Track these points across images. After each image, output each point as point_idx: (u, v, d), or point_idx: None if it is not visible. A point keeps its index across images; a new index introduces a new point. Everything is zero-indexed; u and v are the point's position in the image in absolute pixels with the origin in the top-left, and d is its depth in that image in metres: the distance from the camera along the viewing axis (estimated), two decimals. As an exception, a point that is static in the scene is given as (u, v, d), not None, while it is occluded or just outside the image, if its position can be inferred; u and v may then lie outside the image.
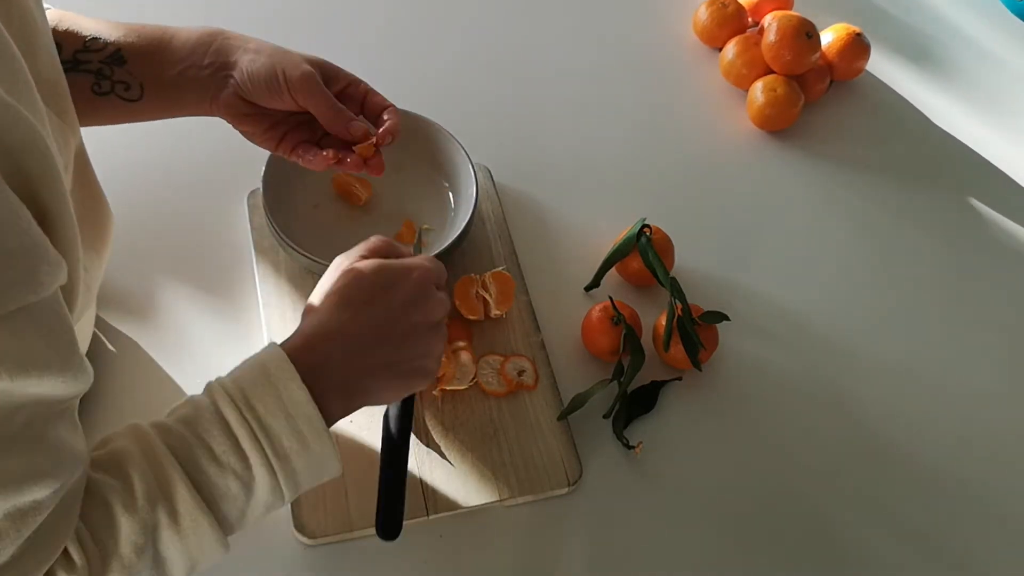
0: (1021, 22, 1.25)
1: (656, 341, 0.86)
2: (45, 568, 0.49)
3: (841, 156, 1.06)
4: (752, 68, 1.06)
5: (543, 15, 1.16)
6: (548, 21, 1.15)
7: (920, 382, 0.90)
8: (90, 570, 0.51)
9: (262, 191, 0.85)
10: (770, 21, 1.07)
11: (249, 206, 0.91)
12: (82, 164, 0.65)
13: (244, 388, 0.58)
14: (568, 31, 1.15)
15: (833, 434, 0.86)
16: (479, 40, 1.12)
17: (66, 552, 0.51)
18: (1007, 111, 1.14)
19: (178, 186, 0.93)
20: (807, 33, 1.03)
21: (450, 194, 0.92)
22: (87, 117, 0.68)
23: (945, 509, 0.83)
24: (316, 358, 0.60)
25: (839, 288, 0.96)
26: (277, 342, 0.62)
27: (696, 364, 0.84)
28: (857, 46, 1.09)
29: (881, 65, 1.15)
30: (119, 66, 0.70)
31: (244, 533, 0.60)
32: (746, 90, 1.07)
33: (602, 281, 0.91)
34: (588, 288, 0.91)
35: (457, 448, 0.79)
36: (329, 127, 0.75)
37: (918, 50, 1.19)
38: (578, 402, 0.82)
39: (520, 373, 0.83)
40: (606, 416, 0.83)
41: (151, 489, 0.54)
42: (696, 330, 0.83)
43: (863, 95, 1.12)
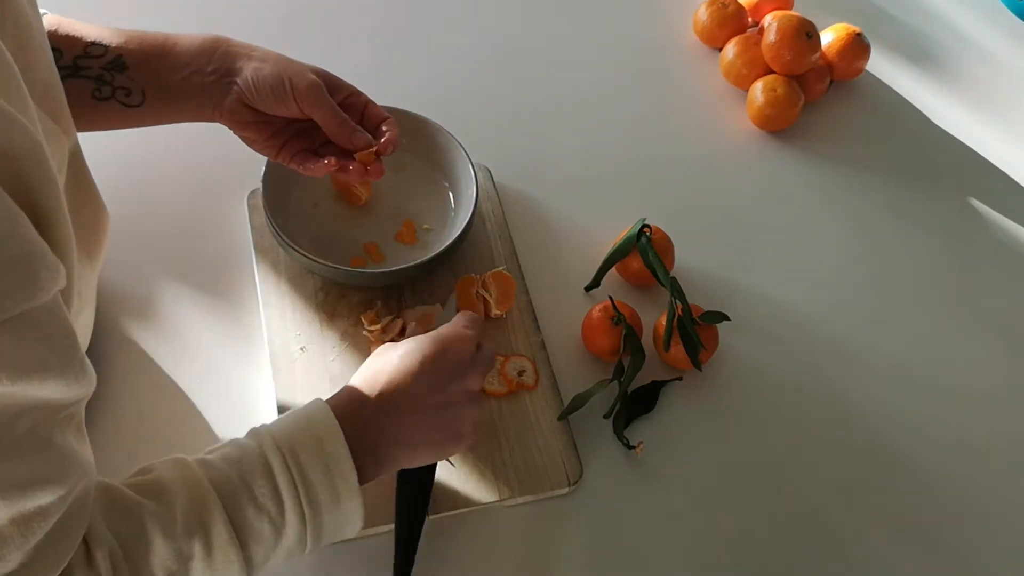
0: (1021, 22, 1.25)
1: (656, 341, 0.86)
2: (57, 569, 0.50)
3: (841, 156, 1.06)
4: (752, 68, 1.06)
5: (543, 15, 1.16)
6: (548, 21, 1.15)
7: (920, 381, 0.90)
8: None
9: (262, 191, 0.85)
10: (770, 21, 1.07)
11: (249, 206, 0.91)
12: (78, 165, 0.65)
13: (290, 436, 0.60)
14: (568, 31, 1.15)
15: (833, 434, 0.86)
16: (479, 40, 1.12)
17: (91, 560, 0.51)
18: (1007, 111, 1.14)
19: (178, 186, 0.93)
20: (807, 33, 1.03)
21: (450, 194, 0.92)
22: (87, 122, 0.68)
23: (945, 508, 0.83)
24: (363, 420, 0.63)
25: (839, 288, 0.96)
26: (323, 398, 0.64)
27: (696, 364, 0.84)
28: (857, 46, 1.09)
29: (881, 65, 1.15)
30: (120, 72, 0.70)
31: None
32: (746, 90, 1.07)
33: (602, 281, 0.91)
34: (588, 288, 0.91)
35: (457, 448, 0.79)
36: (333, 136, 0.76)
37: (918, 50, 1.19)
38: (578, 402, 0.82)
39: (520, 373, 0.83)
40: (606, 416, 0.83)
41: (190, 519, 0.55)
42: (696, 330, 0.83)
43: (863, 95, 1.13)
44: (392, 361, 0.66)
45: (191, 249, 0.89)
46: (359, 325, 0.84)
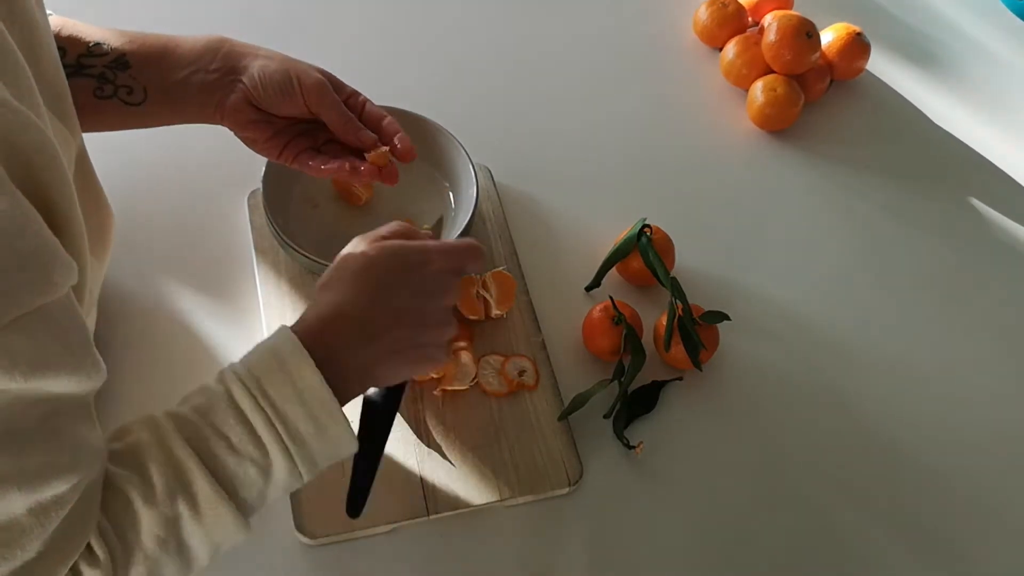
0: (1021, 22, 1.25)
1: (657, 341, 0.86)
2: (70, 563, 0.50)
3: (841, 156, 1.06)
4: (752, 68, 1.06)
5: (543, 15, 1.16)
6: (548, 21, 1.15)
7: (920, 381, 0.90)
8: (113, 564, 0.52)
9: (262, 191, 0.85)
10: (770, 21, 1.07)
11: (249, 206, 0.91)
12: (84, 166, 0.65)
13: (258, 376, 0.58)
14: (568, 31, 1.15)
15: (833, 433, 0.86)
16: (479, 41, 1.12)
17: (89, 547, 0.51)
18: (1007, 111, 1.14)
19: (178, 186, 0.93)
20: (807, 33, 1.03)
21: (450, 194, 0.92)
22: (89, 121, 0.68)
23: (946, 508, 0.83)
24: (329, 341, 0.60)
25: (839, 288, 0.96)
26: (288, 324, 0.62)
27: (697, 364, 0.84)
28: (857, 46, 1.09)
29: (881, 65, 1.15)
30: (122, 70, 0.71)
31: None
32: (746, 90, 1.07)
33: (603, 281, 0.91)
34: (589, 288, 0.91)
35: (458, 448, 0.79)
36: (339, 134, 0.76)
37: (918, 50, 1.19)
38: (579, 402, 0.82)
39: (521, 373, 0.83)
40: (607, 416, 0.83)
41: (169, 481, 0.54)
42: (697, 330, 0.83)
43: (863, 95, 1.13)
44: (359, 276, 0.63)
45: (191, 249, 0.89)
46: (359, 325, 0.83)
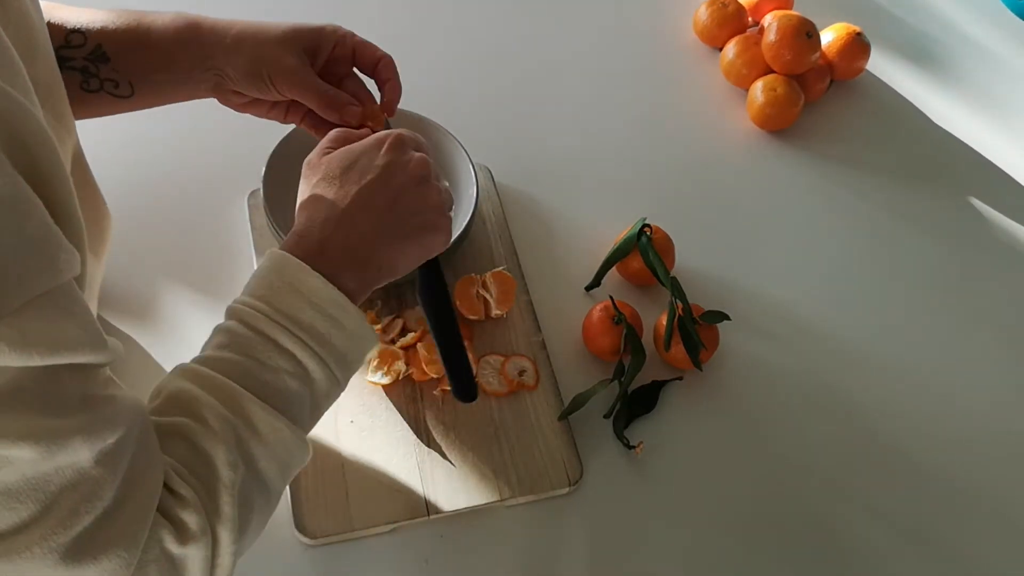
0: (1021, 22, 1.25)
1: (657, 341, 0.86)
2: (152, 506, 0.50)
3: (841, 156, 1.06)
4: (752, 68, 1.06)
5: (543, 15, 1.16)
6: (548, 21, 1.15)
7: (920, 381, 0.90)
8: (201, 500, 0.53)
9: (262, 191, 0.85)
10: (770, 21, 1.07)
11: (249, 206, 0.91)
12: (79, 165, 0.64)
13: (264, 296, 0.59)
14: (568, 31, 1.15)
15: (833, 433, 0.86)
16: (480, 41, 1.12)
17: (173, 492, 0.52)
18: (1007, 111, 1.14)
19: (178, 186, 0.93)
20: (807, 33, 1.03)
21: (446, 198, 0.92)
22: (81, 111, 0.68)
23: (946, 508, 0.83)
24: (314, 245, 0.62)
25: (839, 288, 0.96)
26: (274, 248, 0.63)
27: (697, 364, 0.84)
28: (857, 46, 1.09)
29: (881, 65, 1.15)
30: (103, 63, 0.70)
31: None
32: (746, 90, 1.07)
33: (603, 281, 0.91)
34: (589, 288, 0.91)
35: (458, 448, 0.79)
36: (324, 115, 0.74)
37: (918, 50, 1.19)
38: (579, 402, 0.82)
39: (521, 373, 0.83)
40: (607, 416, 0.83)
41: (223, 414, 0.55)
42: (697, 330, 0.83)
43: (863, 95, 1.12)
44: (323, 186, 0.64)
45: (191, 249, 0.89)
46: (359, 325, 0.83)
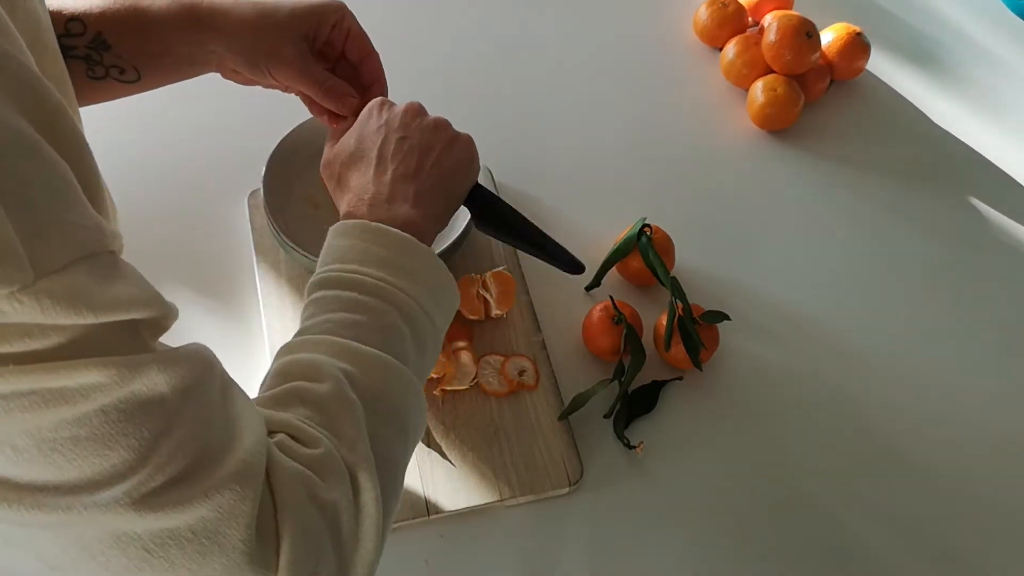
0: (1022, 21, 1.25)
1: (657, 341, 0.86)
2: (263, 438, 0.48)
3: (841, 156, 1.06)
4: (752, 68, 1.06)
5: (543, 15, 1.16)
6: (548, 21, 1.15)
7: (920, 381, 0.90)
8: (333, 443, 0.51)
9: (262, 191, 0.85)
10: (770, 21, 1.07)
11: (249, 206, 0.91)
12: None
13: (336, 259, 0.61)
14: (568, 31, 1.15)
15: (833, 433, 0.86)
16: (479, 40, 1.12)
17: (305, 442, 0.51)
18: (1007, 111, 1.14)
19: (178, 186, 0.93)
20: (807, 33, 1.03)
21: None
22: (90, 97, 0.67)
23: (946, 509, 0.83)
24: (367, 210, 0.64)
25: (839, 287, 0.96)
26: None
27: (697, 364, 0.84)
28: (857, 46, 1.09)
29: (881, 65, 1.15)
30: (105, 51, 0.69)
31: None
32: (746, 90, 1.07)
33: (603, 281, 0.91)
34: (589, 288, 0.91)
35: (458, 448, 0.79)
36: (322, 104, 0.74)
37: (918, 50, 1.19)
38: (579, 402, 0.82)
39: (521, 373, 0.83)
40: (607, 416, 0.83)
41: (330, 362, 0.54)
42: (697, 330, 0.83)
43: (863, 95, 1.12)
44: (363, 168, 0.67)
45: (191, 249, 0.89)
46: (359, 325, 0.83)
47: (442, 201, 0.68)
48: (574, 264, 0.72)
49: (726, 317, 0.85)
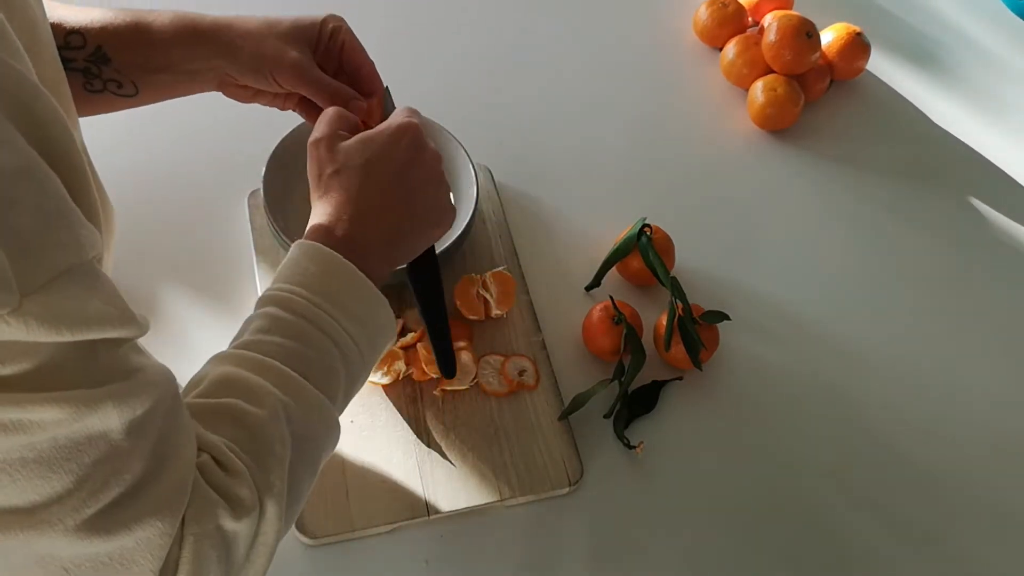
0: (1022, 21, 1.25)
1: (657, 341, 0.86)
2: (190, 473, 0.50)
3: (841, 156, 1.06)
4: (752, 68, 1.06)
5: (543, 15, 1.16)
6: (548, 21, 1.15)
7: (920, 381, 0.90)
8: (253, 474, 0.53)
9: (262, 191, 0.85)
10: (770, 21, 1.07)
11: (249, 206, 0.91)
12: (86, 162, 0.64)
13: (300, 282, 0.61)
14: (568, 31, 1.14)
15: (833, 433, 0.86)
16: (479, 40, 1.12)
17: (228, 468, 0.52)
18: (1007, 111, 1.14)
19: (178, 186, 0.93)
20: (807, 33, 1.03)
21: (450, 194, 0.92)
22: (86, 109, 0.67)
23: (946, 509, 0.83)
24: (342, 238, 0.63)
25: (839, 287, 0.96)
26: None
27: (697, 364, 0.84)
28: (857, 46, 1.09)
29: (881, 65, 1.15)
30: (105, 64, 0.70)
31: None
32: (746, 90, 1.07)
33: (603, 281, 0.91)
34: (589, 288, 0.91)
35: (458, 448, 0.79)
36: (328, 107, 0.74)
37: (918, 50, 1.18)
38: (579, 402, 0.82)
39: (521, 373, 0.83)
40: (607, 416, 0.83)
41: (274, 393, 0.56)
42: (697, 330, 0.83)
43: (863, 95, 1.12)
44: (345, 177, 0.66)
45: (191, 249, 0.89)
46: (359, 325, 0.83)
47: (409, 253, 0.69)
48: (447, 365, 0.77)
49: (726, 317, 0.85)
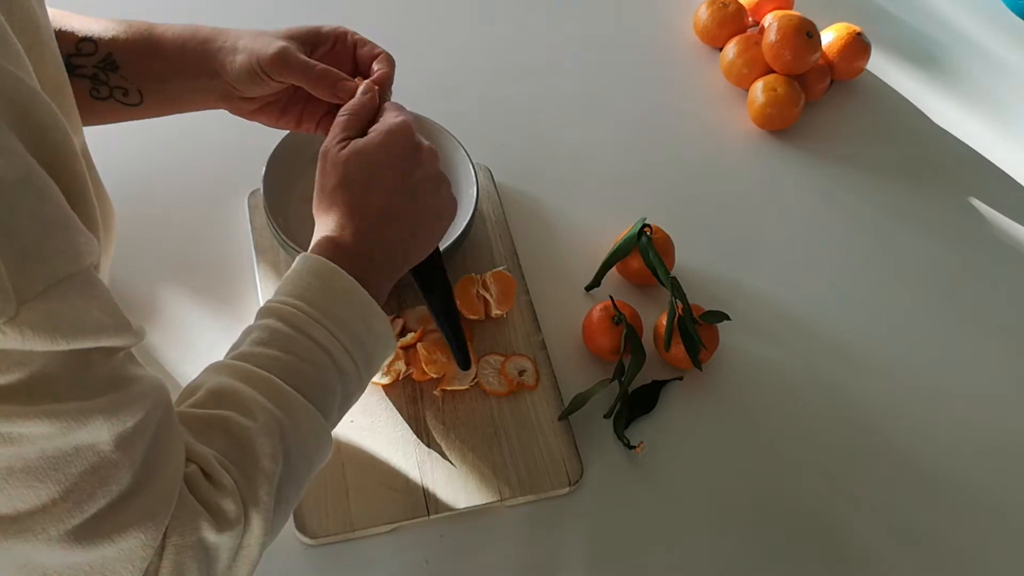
0: (1022, 21, 1.25)
1: (657, 341, 0.86)
2: (176, 485, 0.50)
3: (841, 156, 1.06)
4: (753, 68, 1.06)
5: (543, 15, 1.16)
6: (548, 21, 1.15)
7: (920, 381, 0.90)
8: (240, 488, 0.53)
9: (262, 191, 0.85)
10: (770, 21, 1.07)
11: (249, 206, 0.91)
12: (87, 163, 0.65)
13: (302, 296, 0.61)
14: (568, 31, 1.14)
15: (833, 433, 0.86)
16: (479, 40, 1.12)
17: (215, 481, 0.52)
18: (1007, 111, 1.14)
19: (178, 186, 0.93)
20: (807, 33, 1.03)
21: (450, 186, 0.92)
22: (90, 118, 0.68)
23: (945, 509, 0.83)
24: (346, 252, 0.63)
25: (839, 288, 0.96)
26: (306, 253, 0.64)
27: (697, 364, 0.84)
28: (857, 46, 1.09)
29: (881, 65, 1.15)
30: (113, 71, 0.70)
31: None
32: (747, 90, 1.07)
33: (603, 281, 0.91)
34: (589, 288, 0.91)
35: (458, 448, 0.79)
36: (317, 95, 0.73)
37: (918, 50, 1.19)
38: (579, 402, 0.82)
39: (521, 373, 0.83)
40: (607, 416, 0.83)
41: (268, 407, 0.56)
42: (697, 330, 0.83)
43: (863, 95, 1.12)
44: (348, 190, 0.66)
45: (191, 249, 0.89)
46: (359, 325, 0.83)
47: (418, 254, 0.70)
48: (462, 358, 0.78)
49: (726, 317, 0.85)
